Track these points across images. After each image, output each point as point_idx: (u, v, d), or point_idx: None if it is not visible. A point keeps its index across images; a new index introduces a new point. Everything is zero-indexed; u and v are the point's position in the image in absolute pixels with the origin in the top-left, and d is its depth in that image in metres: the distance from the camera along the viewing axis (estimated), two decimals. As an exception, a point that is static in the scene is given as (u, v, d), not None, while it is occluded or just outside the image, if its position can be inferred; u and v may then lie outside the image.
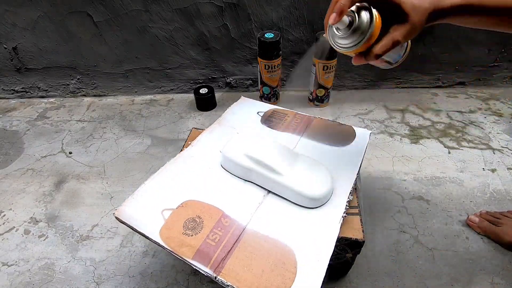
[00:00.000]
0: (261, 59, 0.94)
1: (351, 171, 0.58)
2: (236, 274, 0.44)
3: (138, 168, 0.86)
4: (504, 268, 0.62)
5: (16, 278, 0.64)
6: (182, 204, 0.53)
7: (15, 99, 1.16)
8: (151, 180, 0.57)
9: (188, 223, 0.50)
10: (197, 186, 0.56)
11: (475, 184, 0.77)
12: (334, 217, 0.50)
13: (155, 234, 0.49)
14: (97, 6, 0.94)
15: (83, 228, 0.72)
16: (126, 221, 0.50)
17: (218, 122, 0.70)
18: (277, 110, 0.73)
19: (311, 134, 0.66)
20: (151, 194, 0.55)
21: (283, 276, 0.43)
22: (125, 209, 0.52)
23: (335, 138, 0.64)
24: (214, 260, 0.45)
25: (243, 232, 0.48)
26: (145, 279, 0.63)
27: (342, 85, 1.10)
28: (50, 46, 1.03)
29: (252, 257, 0.45)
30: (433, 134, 0.92)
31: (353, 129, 0.66)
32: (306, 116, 0.70)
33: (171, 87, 1.13)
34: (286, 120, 0.70)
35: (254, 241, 0.47)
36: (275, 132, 0.67)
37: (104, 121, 1.04)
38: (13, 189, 0.82)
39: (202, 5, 0.93)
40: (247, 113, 0.73)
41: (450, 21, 0.41)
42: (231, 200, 0.54)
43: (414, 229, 0.69)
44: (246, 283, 0.43)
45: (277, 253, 0.46)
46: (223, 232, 0.48)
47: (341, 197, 0.53)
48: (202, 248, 0.46)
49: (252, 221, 0.50)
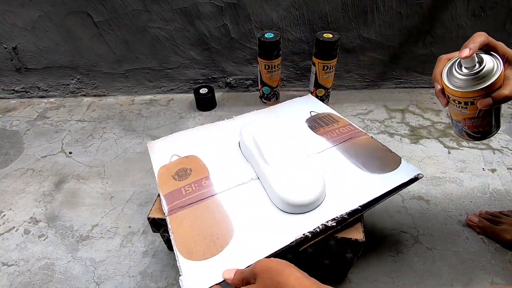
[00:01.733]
0: (261, 59, 0.94)
1: (355, 200, 0.50)
2: (180, 223, 0.50)
3: (138, 168, 0.86)
4: (504, 268, 0.62)
5: (16, 278, 0.64)
6: (188, 156, 0.63)
7: (15, 99, 1.16)
8: (185, 131, 0.69)
9: (180, 171, 0.59)
10: (208, 149, 0.64)
11: (475, 184, 0.77)
12: (298, 229, 0.47)
13: (157, 168, 0.61)
14: (97, 6, 0.94)
15: (83, 228, 0.72)
16: (150, 152, 0.65)
17: (269, 108, 0.75)
18: (331, 115, 0.71)
19: (347, 148, 0.61)
20: (177, 141, 0.67)
21: (208, 247, 0.47)
22: (156, 144, 0.67)
23: (370, 162, 0.57)
24: (174, 205, 0.53)
25: (210, 197, 0.54)
26: (145, 279, 0.63)
27: (342, 85, 1.10)
28: (50, 46, 1.03)
29: (200, 219, 0.51)
30: (433, 134, 0.92)
31: (399, 160, 0.57)
32: (357, 130, 0.65)
33: (171, 87, 1.13)
34: (332, 126, 0.67)
35: (211, 208, 0.52)
36: (310, 133, 0.66)
37: (104, 121, 1.04)
38: (13, 189, 0.82)
39: (202, 5, 0.93)
40: (300, 109, 0.73)
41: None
42: (222, 169, 0.59)
43: (414, 229, 0.69)
44: (179, 232, 0.49)
45: (220, 227, 0.49)
46: (196, 189, 0.55)
47: (318, 219, 0.48)
48: (174, 192, 0.55)
49: (225, 194, 0.54)
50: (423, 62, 1.03)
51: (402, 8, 0.92)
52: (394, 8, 0.92)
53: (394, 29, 0.96)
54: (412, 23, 0.94)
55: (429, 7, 0.91)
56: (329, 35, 0.89)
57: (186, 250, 0.47)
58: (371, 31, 0.96)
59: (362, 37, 0.98)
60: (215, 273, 0.43)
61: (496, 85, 0.41)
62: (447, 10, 0.92)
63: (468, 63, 0.41)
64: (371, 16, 0.93)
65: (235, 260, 0.45)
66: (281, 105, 0.77)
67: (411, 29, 0.96)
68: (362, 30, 0.96)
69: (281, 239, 0.46)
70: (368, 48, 1.00)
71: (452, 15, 0.93)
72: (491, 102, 0.42)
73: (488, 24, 0.94)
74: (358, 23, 0.95)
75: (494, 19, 0.93)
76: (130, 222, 0.73)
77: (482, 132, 0.49)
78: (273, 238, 0.47)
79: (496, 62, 0.41)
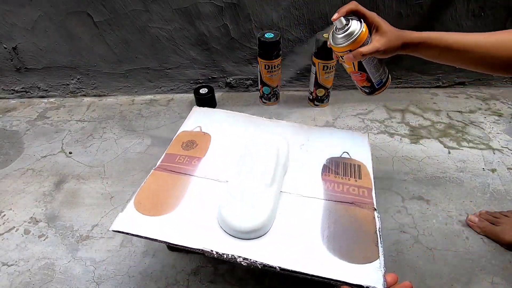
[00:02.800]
0: (261, 59, 0.94)
1: (282, 259, 0.46)
2: (154, 179, 0.60)
3: (138, 168, 0.86)
4: (504, 268, 0.62)
5: (16, 278, 0.64)
6: (205, 133, 0.70)
7: (15, 99, 1.16)
8: (224, 112, 0.78)
9: (190, 142, 0.68)
10: (224, 136, 0.70)
11: (475, 184, 0.77)
12: (215, 243, 0.49)
13: (180, 130, 0.71)
14: (97, 6, 0.94)
15: (83, 228, 0.72)
16: (189, 115, 0.76)
17: (309, 127, 0.73)
18: (362, 168, 0.62)
19: (335, 210, 0.54)
20: (211, 115, 0.76)
21: (151, 208, 0.54)
22: (196, 110, 0.78)
23: (339, 239, 0.50)
24: (164, 165, 0.63)
25: (186, 175, 0.61)
26: (145, 279, 0.63)
27: (342, 85, 1.10)
28: (50, 46, 1.03)
29: (165, 185, 0.59)
30: (433, 134, 0.92)
31: (373, 261, 0.46)
32: (368, 200, 0.56)
33: (171, 87, 1.13)
34: (346, 180, 0.60)
35: (179, 183, 0.59)
36: (316, 172, 0.61)
37: (104, 121, 1.04)
38: (13, 189, 0.82)
39: (202, 5, 0.93)
40: (335, 145, 0.67)
41: (415, 53, 0.56)
42: (216, 159, 0.64)
43: (414, 229, 0.69)
44: (148, 185, 0.58)
45: (171, 201, 0.56)
46: (185, 163, 0.63)
47: (235, 248, 0.48)
48: (172, 156, 0.65)
49: (198, 179, 0.60)
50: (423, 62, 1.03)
51: (402, 8, 0.92)
52: (394, 8, 0.92)
53: (394, 29, 0.96)
54: (412, 23, 0.94)
55: (429, 7, 0.91)
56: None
57: (138, 200, 0.56)
58: (371, 31, 0.96)
59: (362, 37, 0.98)
60: (140, 227, 0.51)
61: (358, 44, 0.52)
62: (447, 10, 0.92)
63: (338, 24, 0.53)
64: (371, 16, 0.93)
65: (153, 229, 0.51)
66: (323, 130, 0.72)
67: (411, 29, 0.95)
68: (362, 30, 0.96)
69: (195, 240, 0.49)
70: (368, 48, 1.00)
71: (452, 15, 0.93)
72: (351, 57, 0.53)
73: (488, 24, 0.94)
74: (358, 23, 0.95)
75: (494, 19, 0.93)
76: (130, 222, 0.73)
77: (367, 87, 0.62)
78: (191, 235, 0.51)
79: (359, 25, 0.52)
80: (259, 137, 0.65)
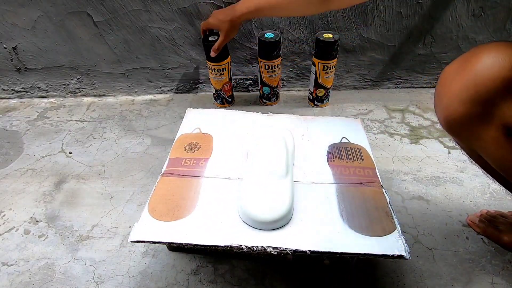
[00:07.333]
0: (261, 59, 0.94)
1: (311, 243, 0.49)
2: (164, 185, 0.59)
3: (138, 168, 0.86)
4: (504, 268, 0.62)
5: (16, 278, 0.64)
6: (206, 133, 0.70)
7: (15, 99, 1.16)
8: (219, 110, 0.81)
9: (192, 144, 0.68)
10: (226, 134, 0.70)
11: (475, 184, 0.77)
12: (242, 238, 0.50)
13: (179, 133, 0.71)
14: (97, 6, 0.94)
15: (83, 228, 0.72)
16: (184, 117, 0.76)
17: (305, 118, 0.76)
18: (362, 150, 0.66)
19: (346, 192, 0.57)
20: (208, 116, 0.75)
21: (168, 213, 0.55)
22: (191, 112, 0.78)
23: (357, 217, 0.53)
24: (171, 169, 0.63)
25: (196, 177, 0.61)
26: (145, 279, 0.63)
27: (342, 85, 1.10)
28: (50, 46, 1.03)
29: (178, 189, 0.59)
30: (433, 134, 0.92)
31: (392, 231, 0.51)
32: (374, 179, 0.60)
33: (171, 87, 1.13)
34: (351, 163, 0.63)
35: (190, 185, 0.59)
36: (322, 160, 0.64)
37: (104, 121, 1.04)
38: (13, 189, 0.82)
39: (202, 5, 0.93)
40: (334, 131, 0.71)
41: (249, 18, 0.83)
42: (223, 158, 0.65)
43: (414, 229, 0.69)
44: (159, 192, 0.58)
45: (186, 204, 0.56)
46: (192, 165, 0.63)
47: (263, 240, 0.49)
48: (177, 160, 0.64)
49: (209, 180, 0.61)
50: (423, 62, 1.03)
51: (402, 8, 0.92)
52: (394, 8, 0.92)
53: (394, 29, 0.96)
54: (412, 23, 0.94)
55: (429, 7, 0.91)
56: (329, 35, 0.89)
57: (152, 207, 0.55)
58: (371, 31, 0.96)
59: (362, 37, 0.98)
60: (159, 234, 0.51)
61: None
62: (447, 10, 0.92)
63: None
64: (371, 16, 0.93)
65: (174, 234, 0.51)
66: (319, 119, 0.76)
67: (411, 29, 0.96)
68: (362, 30, 0.96)
69: (221, 238, 0.49)
70: (368, 48, 1.00)
71: (452, 15, 0.93)
72: (213, 54, 0.86)
73: (488, 24, 0.94)
74: (358, 23, 0.95)
75: (494, 19, 0.93)
76: (130, 222, 0.73)
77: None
78: (216, 234, 0.50)
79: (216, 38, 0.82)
80: (265, 131, 0.65)
